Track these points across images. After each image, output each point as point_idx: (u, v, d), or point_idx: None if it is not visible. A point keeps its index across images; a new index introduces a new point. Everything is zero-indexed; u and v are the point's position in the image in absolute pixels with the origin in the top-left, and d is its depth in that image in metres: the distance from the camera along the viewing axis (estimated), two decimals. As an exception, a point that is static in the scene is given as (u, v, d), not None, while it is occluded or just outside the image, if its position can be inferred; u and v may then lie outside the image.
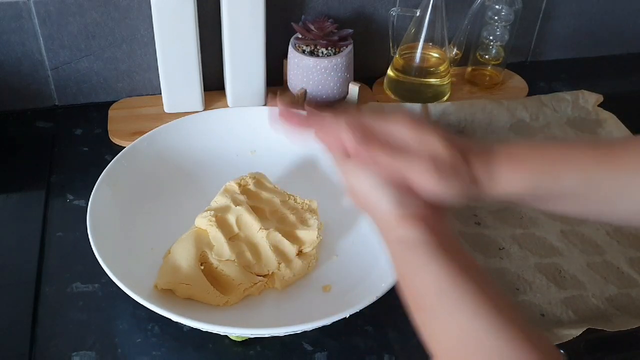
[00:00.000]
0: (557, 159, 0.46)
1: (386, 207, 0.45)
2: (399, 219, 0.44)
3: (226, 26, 0.78)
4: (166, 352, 0.58)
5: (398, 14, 0.85)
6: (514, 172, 0.45)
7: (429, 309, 0.41)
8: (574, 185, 0.45)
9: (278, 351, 0.58)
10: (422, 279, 0.42)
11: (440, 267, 0.41)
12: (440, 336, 0.40)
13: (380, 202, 0.45)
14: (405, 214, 0.44)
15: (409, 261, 0.43)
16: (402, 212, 0.44)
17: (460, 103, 0.86)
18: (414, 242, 0.43)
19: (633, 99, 0.95)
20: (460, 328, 0.39)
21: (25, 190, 0.74)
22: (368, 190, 0.45)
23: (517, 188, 0.45)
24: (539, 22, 0.99)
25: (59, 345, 0.58)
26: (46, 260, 0.65)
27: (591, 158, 0.45)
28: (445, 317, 0.40)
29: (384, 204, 0.45)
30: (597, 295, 0.64)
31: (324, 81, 0.82)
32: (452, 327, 0.40)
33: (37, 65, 0.82)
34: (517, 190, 0.46)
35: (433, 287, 0.41)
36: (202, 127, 0.75)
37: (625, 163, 0.44)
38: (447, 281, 0.41)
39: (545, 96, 0.89)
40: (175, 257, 0.60)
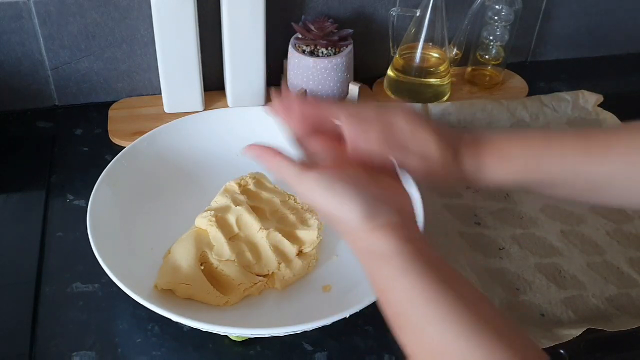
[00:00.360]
0: (543, 151, 0.46)
1: (354, 221, 0.42)
2: (369, 231, 0.42)
3: (226, 26, 0.78)
4: (166, 352, 0.58)
5: (398, 14, 0.85)
6: (501, 165, 0.46)
7: (405, 321, 0.41)
8: (560, 175, 0.46)
9: (278, 351, 0.58)
10: (397, 291, 0.41)
11: (414, 279, 0.40)
12: (417, 348, 0.40)
13: (347, 217, 0.43)
14: (375, 225, 0.42)
15: (382, 273, 0.42)
16: (372, 224, 0.42)
17: (460, 103, 0.86)
18: (387, 254, 0.41)
19: (633, 99, 0.95)
20: (435, 339, 0.39)
21: (26, 190, 0.74)
22: (331, 205, 0.43)
23: (504, 179, 0.46)
24: (539, 22, 0.99)
25: (59, 345, 0.58)
26: (46, 260, 0.65)
27: (577, 148, 0.46)
28: (421, 329, 0.39)
29: (351, 219, 0.43)
30: (597, 295, 0.64)
31: (324, 81, 0.82)
32: (427, 340, 0.39)
33: (37, 65, 0.82)
34: (505, 181, 0.47)
35: (407, 300, 0.40)
36: (202, 127, 0.75)
37: (611, 152, 0.45)
38: (421, 295, 0.39)
39: (545, 96, 0.89)
40: (175, 257, 0.60)
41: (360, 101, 0.86)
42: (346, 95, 0.86)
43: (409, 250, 0.41)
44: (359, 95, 0.85)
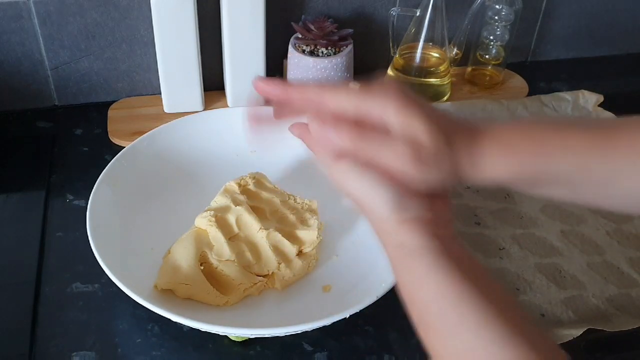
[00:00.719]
0: (547, 144, 0.43)
1: (384, 210, 0.41)
2: (399, 224, 0.41)
3: (226, 26, 0.78)
4: (166, 352, 0.58)
5: (398, 13, 0.85)
6: (500, 157, 0.43)
7: (432, 322, 0.40)
8: (564, 170, 0.43)
9: (278, 351, 0.58)
10: (424, 290, 0.40)
11: (443, 278, 0.39)
12: (444, 350, 0.39)
13: (377, 206, 0.42)
14: (405, 218, 0.41)
15: (410, 270, 0.41)
16: (402, 216, 0.41)
17: (460, 103, 0.86)
18: (416, 249, 0.40)
19: (633, 99, 0.95)
20: (463, 342, 0.38)
21: (25, 190, 0.74)
22: (363, 193, 0.42)
23: (503, 173, 0.43)
24: (539, 22, 0.99)
25: (58, 345, 0.58)
26: (46, 261, 0.65)
27: (584, 142, 0.42)
28: (449, 331, 0.39)
29: (381, 208, 0.42)
30: (597, 295, 0.64)
31: (324, 81, 0.82)
32: (455, 343, 0.38)
33: (37, 65, 0.82)
34: (503, 176, 0.43)
35: (436, 300, 0.39)
36: (202, 127, 0.75)
37: (619, 147, 0.42)
38: (450, 295, 0.38)
39: (546, 96, 0.89)
40: (175, 257, 0.60)
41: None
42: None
43: (438, 247, 0.40)
44: (359, 95, 0.85)
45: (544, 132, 0.43)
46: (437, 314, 0.39)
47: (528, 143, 0.43)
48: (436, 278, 0.39)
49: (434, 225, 0.41)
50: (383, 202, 0.41)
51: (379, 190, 0.42)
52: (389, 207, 0.41)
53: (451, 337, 0.38)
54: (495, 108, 0.85)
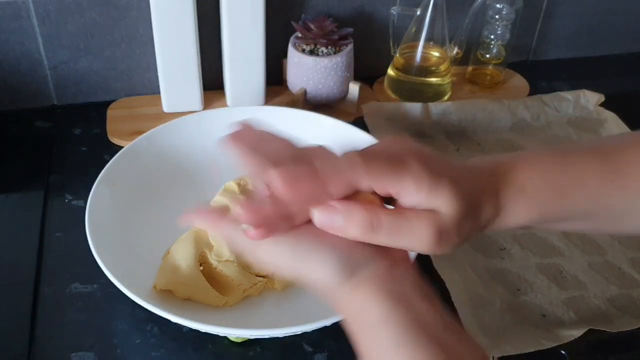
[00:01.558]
0: (566, 184, 0.41)
1: (330, 280, 0.36)
2: (351, 290, 0.36)
3: (226, 25, 0.78)
4: (165, 352, 0.57)
5: (398, 13, 0.85)
6: (523, 207, 0.40)
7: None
8: (582, 208, 0.41)
9: (278, 352, 0.58)
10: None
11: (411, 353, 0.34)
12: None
13: (320, 277, 0.36)
14: (357, 281, 0.36)
15: (374, 341, 0.36)
16: (353, 282, 0.35)
17: (461, 102, 0.86)
18: (373, 322, 0.35)
19: (635, 98, 0.95)
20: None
21: (24, 190, 0.74)
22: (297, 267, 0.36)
23: (525, 221, 0.41)
24: (540, 21, 0.98)
25: (57, 345, 0.57)
26: (45, 261, 0.65)
27: (600, 179, 0.41)
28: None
29: (325, 278, 0.36)
30: (598, 295, 0.64)
31: (324, 80, 0.82)
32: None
33: (35, 64, 0.82)
34: (525, 223, 0.41)
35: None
36: (202, 126, 0.75)
37: (633, 179, 0.41)
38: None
39: (547, 96, 0.89)
40: (174, 257, 0.60)
41: (360, 101, 0.85)
42: (346, 95, 0.85)
43: (399, 315, 0.35)
44: (359, 95, 0.85)
45: (563, 172, 0.41)
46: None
47: (548, 187, 0.41)
48: (404, 353, 0.34)
49: (391, 280, 0.36)
50: (327, 272, 0.36)
51: (317, 258, 0.36)
52: (334, 274, 0.35)
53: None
54: (496, 108, 0.85)
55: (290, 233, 0.36)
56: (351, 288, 0.36)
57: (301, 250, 0.36)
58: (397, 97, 0.89)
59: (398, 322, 0.35)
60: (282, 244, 0.36)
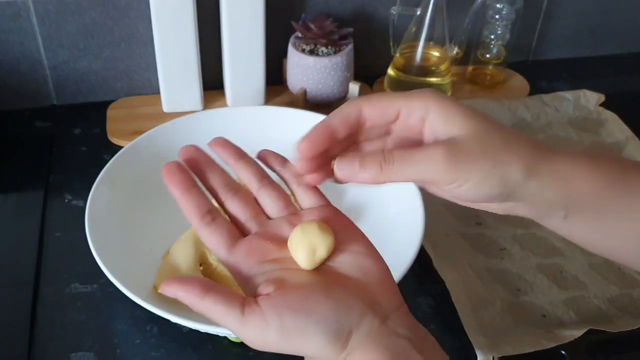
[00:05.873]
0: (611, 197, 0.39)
1: (322, 351, 0.34)
2: (347, 356, 0.34)
3: (225, 25, 0.78)
4: (165, 353, 0.57)
5: (399, 12, 0.85)
6: (553, 188, 0.39)
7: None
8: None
9: (277, 352, 0.57)
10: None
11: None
12: None
13: (313, 350, 0.34)
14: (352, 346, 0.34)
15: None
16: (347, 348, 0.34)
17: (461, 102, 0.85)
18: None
19: (635, 98, 0.95)
20: None
21: (24, 190, 0.74)
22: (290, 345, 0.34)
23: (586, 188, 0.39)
24: (540, 21, 0.98)
25: (57, 346, 0.57)
26: (45, 261, 0.65)
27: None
28: None
29: (318, 350, 0.34)
30: (598, 295, 0.64)
31: (324, 80, 0.82)
32: None
33: (35, 64, 0.82)
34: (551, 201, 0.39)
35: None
36: (202, 126, 0.75)
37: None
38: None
39: (547, 96, 0.89)
40: (174, 257, 0.60)
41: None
42: (346, 95, 0.85)
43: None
44: (359, 95, 0.85)
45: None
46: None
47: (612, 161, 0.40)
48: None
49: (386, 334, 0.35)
50: (320, 346, 0.34)
51: (308, 332, 0.34)
52: (328, 347, 0.34)
53: None
54: (496, 107, 0.85)
55: (273, 311, 0.34)
56: (347, 355, 0.34)
57: (288, 329, 0.34)
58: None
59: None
60: (267, 327, 0.34)
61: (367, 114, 0.39)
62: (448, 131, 0.37)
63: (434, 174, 0.37)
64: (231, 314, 0.35)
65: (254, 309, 0.34)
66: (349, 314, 0.34)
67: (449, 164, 0.36)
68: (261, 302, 0.35)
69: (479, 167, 0.37)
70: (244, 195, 0.42)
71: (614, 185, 0.39)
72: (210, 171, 0.43)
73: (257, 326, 0.34)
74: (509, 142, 0.38)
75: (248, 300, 0.35)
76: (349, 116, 0.39)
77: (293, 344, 0.34)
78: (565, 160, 0.39)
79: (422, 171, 0.37)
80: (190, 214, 0.40)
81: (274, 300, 0.34)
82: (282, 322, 0.34)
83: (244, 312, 0.34)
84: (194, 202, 0.40)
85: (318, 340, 0.34)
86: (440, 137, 0.38)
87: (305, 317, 0.34)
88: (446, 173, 0.37)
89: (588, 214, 0.40)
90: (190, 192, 0.40)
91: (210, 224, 0.39)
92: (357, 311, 0.34)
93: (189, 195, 0.40)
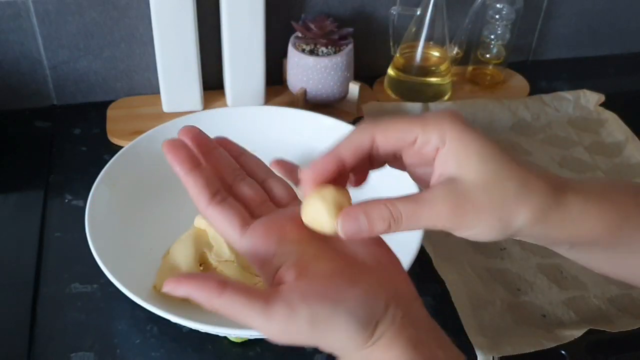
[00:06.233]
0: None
1: (348, 341, 0.33)
2: (371, 347, 0.34)
3: (225, 25, 0.78)
4: (165, 353, 0.57)
5: (399, 12, 0.85)
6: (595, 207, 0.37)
7: None
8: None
9: (278, 352, 0.58)
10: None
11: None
12: None
13: (338, 341, 0.33)
14: (376, 335, 0.34)
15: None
16: (372, 337, 0.34)
17: (461, 102, 0.86)
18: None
19: (635, 98, 0.95)
20: None
21: (24, 190, 0.74)
22: (314, 336, 0.33)
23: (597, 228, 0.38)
24: (540, 21, 0.98)
25: (57, 346, 0.57)
26: (44, 261, 0.65)
27: None
28: None
29: (343, 340, 0.33)
30: (598, 295, 0.64)
31: (324, 80, 0.82)
32: None
33: (35, 64, 0.82)
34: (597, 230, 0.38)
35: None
36: (201, 126, 0.73)
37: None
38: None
39: (547, 95, 0.89)
40: (174, 257, 0.60)
41: (360, 101, 0.85)
42: (346, 95, 0.85)
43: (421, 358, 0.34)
44: (359, 95, 0.85)
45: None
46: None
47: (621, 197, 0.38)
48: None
49: (408, 325, 0.34)
50: (345, 336, 0.33)
51: (333, 323, 0.33)
52: (354, 336, 0.33)
53: None
54: (496, 107, 0.85)
55: (301, 300, 0.33)
56: (372, 344, 0.34)
57: (318, 319, 0.33)
58: (397, 97, 0.89)
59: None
60: (296, 317, 0.33)
61: (380, 143, 0.37)
62: (460, 171, 0.35)
63: (440, 225, 0.36)
64: (254, 307, 0.33)
65: (278, 299, 0.33)
66: (376, 303, 0.34)
67: (455, 216, 0.35)
68: (286, 291, 0.33)
69: (484, 220, 0.35)
70: (252, 182, 0.40)
71: (626, 223, 0.38)
72: (216, 154, 0.41)
73: (284, 317, 0.33)
74: (522, 190, 0.35)
75: (270, 291, 0.33)
76: (360, 147, 0.37)
77: (321, 334, 0.33)
78: (577, 201, 0.36)
79: (429, 224, 0.36)
80: (198, 193, 0.37)
81: (301, 289, 0.33)
82: (312, 310, 0.32)
83: (269, 302, 0.33)
84: (202, 181, 0.37)
85: (348, 329, 0.33)
86: (450, 173, 0.36)
87: (335, 306, 0.33)
88: (452, 224, 0.35)
89: (595, 249, 0.39)
90: (197, 170, 0.38)
91: (222, 203, 0.37)
92: (383, 301, 0.34)
93: (197, 173, 0.38)
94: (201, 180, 0.38)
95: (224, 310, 0.33)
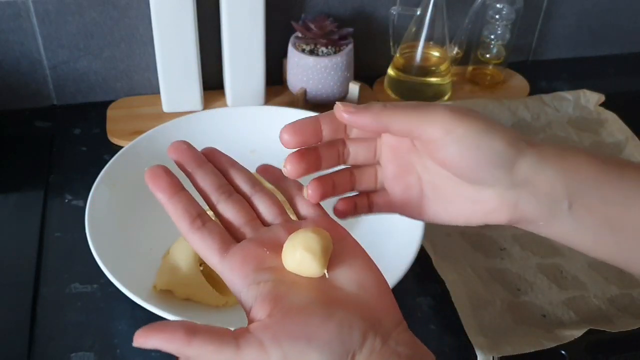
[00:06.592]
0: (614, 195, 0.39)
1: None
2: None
3: (225, 25, 0.78)
4: (165, 353, 0.57)
5: (399, 12, 0.85)
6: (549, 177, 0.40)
7: None
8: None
9: (278, 352, 0.58)
10: None
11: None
12: None
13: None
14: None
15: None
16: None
17: (461, 102, 0.86)
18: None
19: (635, 98, 0.95)
20: None
21: (24, 190, 0.74)
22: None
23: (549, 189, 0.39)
24: (540, 21, 0.98)
25: (57, 346, 0.57)
26: (44, 261, 0.65)
27: None
28: None
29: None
30: (598, 295, 0.64)
31: (324, 80, 0.82)
32: None
33: (35, 64, 0.82)
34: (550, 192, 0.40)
35: None
36: (202, 126, 0.75)
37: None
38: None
39: (547, 95, 0.89)
40: (174, 257, 0.60)
41: (360, 101, 0.85)
42: (346, 95, 0.85)
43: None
44: (359, 95, 0.85)
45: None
46: None
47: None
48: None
49: (388, 355, 0.34)
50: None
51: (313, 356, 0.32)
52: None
53: None
54: (496, 107, 0.85)
55: (272, 341, 0.32)
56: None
57: (291, 358, 0.32)
58: (397, 97, 0.89)
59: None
60: (268, 358, 0.32)
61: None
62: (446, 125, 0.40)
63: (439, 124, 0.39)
64: (224, 351, 0.32)
65: (250, 341, 0.33)
66: (352, 335, 0.33)
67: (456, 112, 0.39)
68: (257, 331, 0.33)
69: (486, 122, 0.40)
70: (238, 199, 0.41)
71: (617, 172, 0.39)
72: (201, 171, 0.42)
73: (256, 358, 0.32)
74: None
75: (241, 332, 0.33)
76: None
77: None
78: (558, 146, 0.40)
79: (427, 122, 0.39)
80: (179, 219, 0.38)
81: (272, 328, 0.33)
82: (283, 351, 0.32)
83: (239, 346, 0.32)
84: (182, 207, 0.39)
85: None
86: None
87: (307, 344, 0.32)
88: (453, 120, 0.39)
89: (594, 201, 0.39)
90: (178, 196, 0.39)
91: (201, 229, 0.38)
92: (359, 332, 0.33)
93: (177, 200, 0.39)
94: (181, 206, 0.39)
95: (196, 357, 0.33)
